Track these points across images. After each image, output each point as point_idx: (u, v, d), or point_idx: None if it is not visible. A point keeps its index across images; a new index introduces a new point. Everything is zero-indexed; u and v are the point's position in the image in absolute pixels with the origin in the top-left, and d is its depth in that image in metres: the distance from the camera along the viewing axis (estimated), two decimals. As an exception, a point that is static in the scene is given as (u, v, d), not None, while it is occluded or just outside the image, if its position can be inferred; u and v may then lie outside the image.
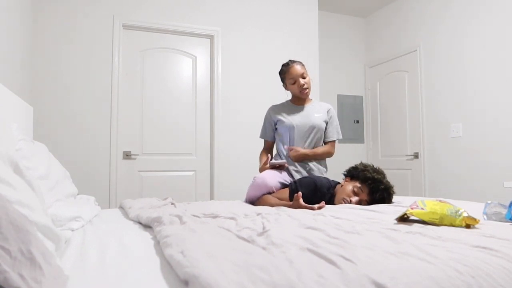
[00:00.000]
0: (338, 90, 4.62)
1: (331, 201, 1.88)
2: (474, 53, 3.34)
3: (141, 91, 3.25)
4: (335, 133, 2.31)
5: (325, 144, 2.33)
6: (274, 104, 2.43)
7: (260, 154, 2.41)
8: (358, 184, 1.82)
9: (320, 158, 2.27)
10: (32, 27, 2.90)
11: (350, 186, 1.84)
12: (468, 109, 3.39)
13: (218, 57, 3.45)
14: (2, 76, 2.12)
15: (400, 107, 4.20)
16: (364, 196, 1.80)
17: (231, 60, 3.50)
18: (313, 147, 2.25)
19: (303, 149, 2.19)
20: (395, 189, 1.92)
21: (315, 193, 1.86)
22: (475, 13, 3.34)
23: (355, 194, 1.81)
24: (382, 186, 1.79)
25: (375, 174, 1.81)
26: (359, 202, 1.80)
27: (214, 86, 3.42)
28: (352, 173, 1.90)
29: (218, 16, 3.48)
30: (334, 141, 2.32)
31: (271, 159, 2.23)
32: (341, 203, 1.82)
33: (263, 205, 1.90)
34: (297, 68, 2.23)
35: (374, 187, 1.78)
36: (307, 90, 2.26)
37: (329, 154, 2.30)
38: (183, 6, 3.37)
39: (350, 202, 1.79)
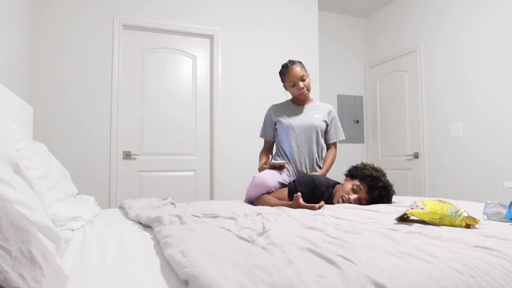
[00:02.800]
0: (338, 90, 4.62)
1: (330, 200, 1.88)
2: (474, 53, 3.34)
3: (141, 91, 3.25)
4: (337, 134, 2.34)
5: (327, 145, 2.36)
6: (274, 103, 2.44)
7: (260, 154, 2.41)
8: (357, 182, 1.82)
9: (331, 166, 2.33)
10: (32, 27, 2.90)
11: (349, 184, 1.84)
12: (468, 109, 3.39)
13: (218, 57, 3.45)
14: (2, 76, 2.12)
15: (400, 107, 4.20)
16: (363, 194, 1.79)
17: (231, 60, 3.50)
18: (312, 148, 2.24)
19: (318, 173, 2.23)
20: (395, 189, 1.92)
21: (313, 191, 1.87)
22: (475, 13, 3.34)
23: (354, 192, 1.81)
24: (381, 184, 1.78)
25: (373, 172, 1.81)
26: (359, 201, 1.80)
27: (214, 86, 3.42)
28: (352, 173, 1.90)
29: (218, 16, 3.48)
30: (336, 143, 2.36)
31: (271, 159, 2.23)
32: (339, 201, 1.82)
33: (263, 205, 1.90)
34: (297, 70, 2.22)
35: (372, 185, 1.78)
36: (306, 92, 2.26)
37: (335, 158, 2.35)
38: (183, 6, 3.37)
39: (349, 199, 1.79)
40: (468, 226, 1.17)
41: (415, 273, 0.72)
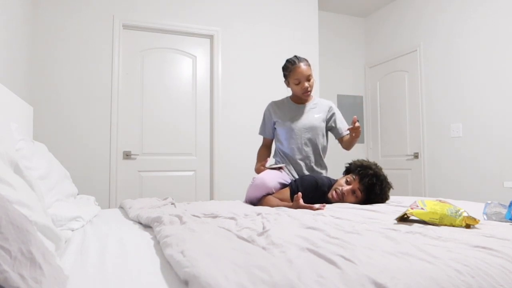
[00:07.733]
0: (338, 90, 4.62)
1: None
2: (474, 53, 3.34)
3: (141, 91, 3.25)
4: (345, 126, 2.25)
5: (339, 140, 2.26)
6: (274, 100, 2.39)
7: (259, 151, 2.38)
8: (350, 175, 1.88)
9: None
10: (32, 27, 2.89)
11: (343, 178, 1.90)
12: (468, 109, 3.38)
13: (218, 57, 3.45)
14: (2, 76, 2.12)
15: (400, 107, 4.20)
16: (356, 185, 1.83)
17: (231, 60, 3.50)
18: (312, 148, 2.23)
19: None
20: (395, 189, 1.94)
21: (316, 191, 1.88)
22: (475, 13, 3.33)
23: (348, 184, 1.86)
24: (371, 172, 1.83)
25: (364, 162, 1.90)
26: (353, 192, 1.83)
27: (214, 86, 3.42)
28: (347, 169, 1.97)
29: (218, 16, 3.48)
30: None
31: (268, 162, 2.20)
32: (333, 195, 1.86)
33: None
34: (304, 69, 2.13)
35: (363, 173, 1.83)
36: (310, 93, 2.21)
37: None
38: (183, 6, 3.37)
39: (342, 190, 1.84)
40: (468, 226, 1.17)
41: (415, 273, 0.72)
